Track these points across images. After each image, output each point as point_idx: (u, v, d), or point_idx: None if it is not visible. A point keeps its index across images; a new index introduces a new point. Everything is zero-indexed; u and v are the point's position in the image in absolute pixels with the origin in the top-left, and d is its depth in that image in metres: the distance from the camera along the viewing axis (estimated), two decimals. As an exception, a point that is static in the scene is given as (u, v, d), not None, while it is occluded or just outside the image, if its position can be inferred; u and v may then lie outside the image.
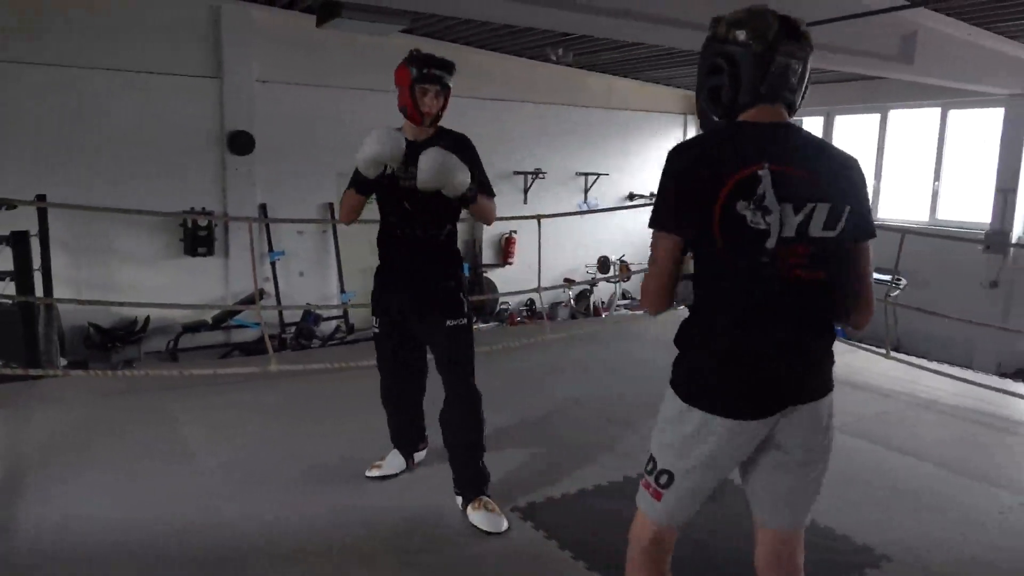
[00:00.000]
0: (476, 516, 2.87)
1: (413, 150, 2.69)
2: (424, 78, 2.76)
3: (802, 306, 1.63)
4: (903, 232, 5.44)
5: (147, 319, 7.78)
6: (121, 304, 5.35)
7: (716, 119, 1.71)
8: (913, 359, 5.42)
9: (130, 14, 7.53)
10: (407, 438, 3.38)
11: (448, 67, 2.83)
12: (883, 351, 5.38)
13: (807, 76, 1.70)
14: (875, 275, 7.18)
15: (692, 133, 12.25)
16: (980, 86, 7.74)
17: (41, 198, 6.46)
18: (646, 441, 1.79)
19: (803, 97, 1.73)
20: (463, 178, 2.67)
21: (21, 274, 5.38)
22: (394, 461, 3.36)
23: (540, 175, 10.49)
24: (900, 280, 7.96)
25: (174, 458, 3.51)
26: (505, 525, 2.86)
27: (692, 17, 5.65)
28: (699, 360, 1.69)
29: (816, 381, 1.69)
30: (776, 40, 1.62)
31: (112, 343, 7.61)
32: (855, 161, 1.73)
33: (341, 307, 8.75)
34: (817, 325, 1.67)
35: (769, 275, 1.60)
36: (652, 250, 1.69)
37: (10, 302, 5.23)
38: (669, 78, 11.01)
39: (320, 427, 3.94)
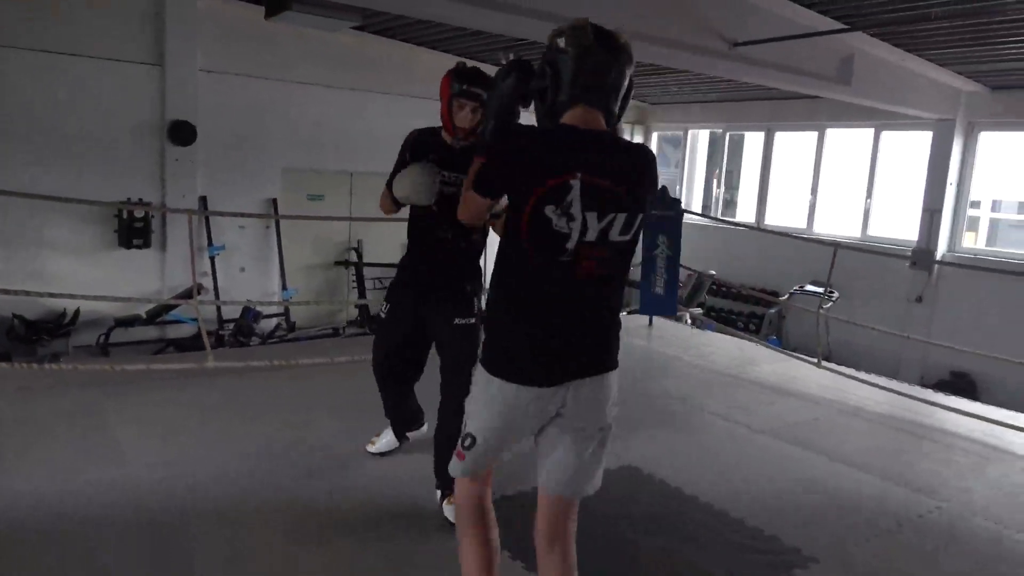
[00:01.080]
0: (448, 510, 2.93)
1: (451, 155, 2.84)
2: (462, 93, 2.82)
3: (591, 297, 1.85)
4: (836, 246, 5.65)
5: (76, 312, 7.49)
6: (50, 295, 5.13)
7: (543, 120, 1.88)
8: (843, 369, 5.63)
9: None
10: (398, 418, 3.44)
11: (483, 82, 2.82)
12: (815, 360, 5.58)
13: (624, 85, 1.84)
14: (809, 287, 7.41)
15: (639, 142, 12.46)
16: (911, 109, 8.11)
17: (-36, 182, 6.16)
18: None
19: (622, 106, 1.86)
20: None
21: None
22: (386, 438, 3.50)
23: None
24: (833, 293, 8.26)
25: (104, 458, 3.39)
26: None
27: (643, 30, 5.77)
28: (501, 338, 1.90)
29: (599, 359, 1.89)
30: (590, 47, 1.78)
31: (38, 336, 7.29)
32: (653, 159, 1.94)
33: (282, 304, 8.59)
34: (603, 312, 1.89)
35: (565, 271, 1.79)
36: (469, 190, 1.92)
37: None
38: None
39: (259, 425, 3.87)
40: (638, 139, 12.44)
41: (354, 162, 9.49)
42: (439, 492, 3.02)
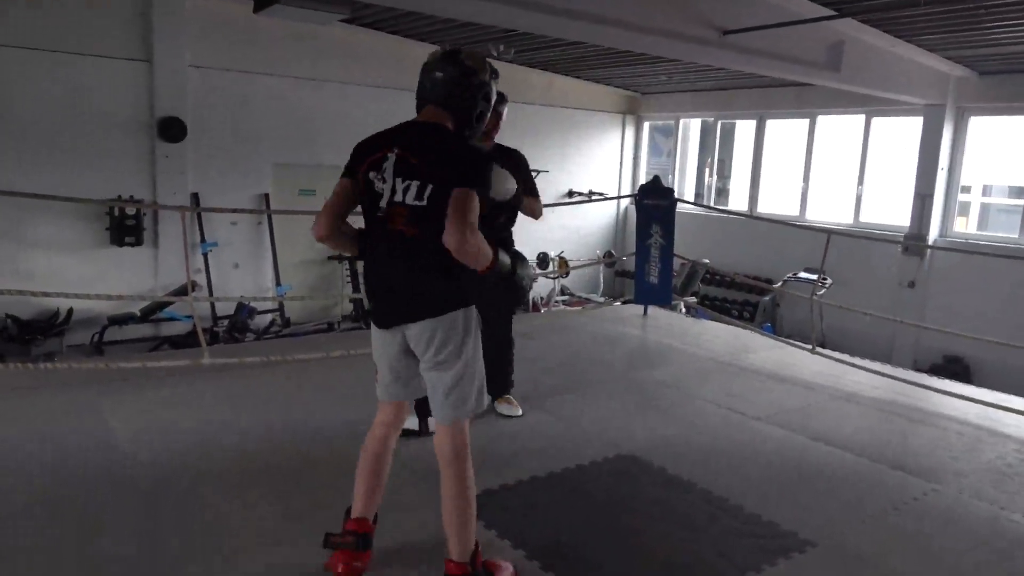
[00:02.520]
0: (501, 407, 4.00)
1: None
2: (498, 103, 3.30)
3: (402, 251, 2.26)
4: (828, 233, 5.67)
5: (70, 311, 7.47)
6: (43, 295, 5.10)
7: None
8: (836, 354, 5.66)
9: (54, -7, 7.20)
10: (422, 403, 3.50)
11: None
12: (809, 347, 5.60)
13: (461, 88, 2.32)
14: (803, 274, 7.43)
15: (630, 132, 12.47)
16: (901, 95, 8.13)
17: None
18: (575, 432, 1.84)
19: (469, 102, 2.34)
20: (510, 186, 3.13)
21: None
22: (410, 418, 3.51)
23: (480, 170, 10.50)
24: (826, 279, 8.30)
25: (101, 454, 3.38)
26: (520, 412, 4.02)
27: (634, 20, 5.76)
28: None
29: (416, 309, 2.27)
30: (431, 62, 2.35)
31: (32, 336, 7.27)
32: (456, 145, 2.32)
33: (276, 300, 8.58)
34: (413, 266, 2.26)
35: (382, 226, 2.27)
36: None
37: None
38: (609, 77, 11.17)
39: (257, 420, 3.87)
40: (630, 129, 12.45)
41: (345, 155, 9.44)
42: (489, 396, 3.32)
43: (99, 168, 7.61)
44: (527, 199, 3.55)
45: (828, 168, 10.22)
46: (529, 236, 10.39)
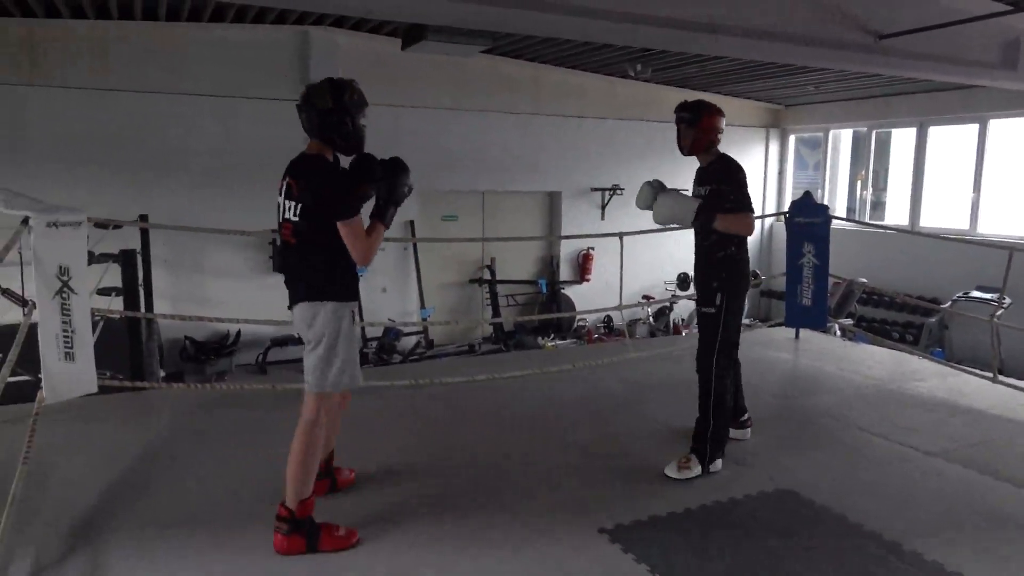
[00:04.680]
0: (670, 469, 3.52)
1: (699, 174, 3.72)
2: (676, 119, 3.63)
3: (290, 256, 2.89)
4: (1011, 249, 5.13)
5: (238, 333, 8.10)
6: (219, 320, 5.57)
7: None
8: (1022, 383, 5.09)
9: (224, 42, 7.92)
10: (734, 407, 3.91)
11: (688, 108, 3.62)
12: (990, 374, 5.08)
13: (314, 119, 2.83)
14: (975, 293, 6.76)
15: (774, 146, 11.96)
16: (1092, 92, 7.27)
17: (143, 218, 6.82)
18: (736, 464, 1.72)
19: (326, 128, 2.83)
20: (679, 214, 3.55)
21: (128, 291, 5.65)
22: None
23: (618, 191, 10.43)
24: (1004, 299, 7.52)
25: (265, 468, 3.60)
26: (691, 475, 3.48)
27: (773, 28, 5.52)
28: None
29: (296, 295, 2.89)
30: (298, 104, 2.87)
31: (206, 356, 7.95)
32: (314, 169, 2.82)
33: (421, 324, 8.88)
34: (300, 266, 2.87)
35: (281, 233, 2.90)
36: None
37: (117, 317, 5.53)
38: (749, 91, 10.80)
39: (403, 440, 3.98)
40: (774, 143, 11.95)
41: (486, 181, 9.71)
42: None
43: (265, 201, 8.16)
44: (721, 217, 3.46)
45: (1003, 176, 9.29)
46: (670, 256, 10.22)
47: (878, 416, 4.49)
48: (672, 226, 3.78)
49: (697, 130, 3.58)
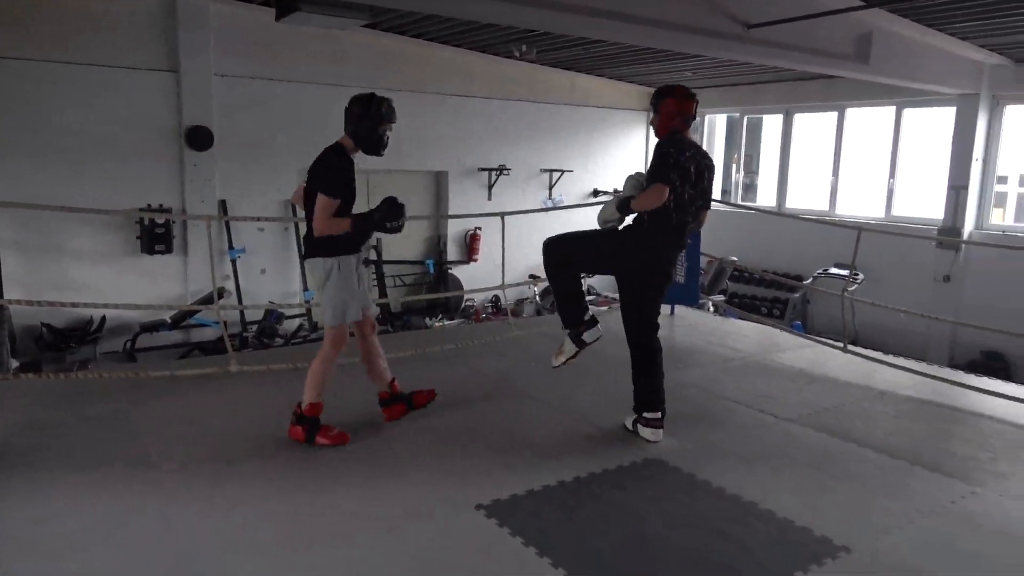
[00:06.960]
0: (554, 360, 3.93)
1: None
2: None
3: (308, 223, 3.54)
4: (859, 229, 5.55)
5: (103, 319, 7.60)
6: (76, 305, 5.19)
7: None
8: (869, 352, 5.53)
9: (79, 5, 7.33)
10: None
11: (655, 93, 3.73)
12: (840, 345, 5.49)
13: (349, 116, 3.61)
14: (833, 270, 7.30)
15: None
16: (933, 85, 7.94)
17: (-13, 195, 6.24)
18: (608, 437, 1.79)
19: (352, 126, 3.61)
20: (607, 212, 3.88)
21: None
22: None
23: (505, 171, 10.48)
24: (857, 275, 8.14)
25: (132, 464, 3.41)
26: (567, 356, 3.93)
27: (655, 16, 5.70)
28: None
29: (306, 254, 3.61)
30: None
31: (66, 343, 7.41)
32: (325, 158, 3.51)
33: (304, 305, 8.64)
34: (308, 233, 3.53)
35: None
36: None
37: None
38: (631, 75, 11.08)
39: (283, 427, 3.87)
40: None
41: (369, 161, 9.50)
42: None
43: (129, 177, 7.73)
44: (636, 198, 3.67)
45: (858, 161, 10.02)
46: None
47: (743, 386, 4.77)
48: (549, 205, 3.97)
49: (660, 114, 3.67)
